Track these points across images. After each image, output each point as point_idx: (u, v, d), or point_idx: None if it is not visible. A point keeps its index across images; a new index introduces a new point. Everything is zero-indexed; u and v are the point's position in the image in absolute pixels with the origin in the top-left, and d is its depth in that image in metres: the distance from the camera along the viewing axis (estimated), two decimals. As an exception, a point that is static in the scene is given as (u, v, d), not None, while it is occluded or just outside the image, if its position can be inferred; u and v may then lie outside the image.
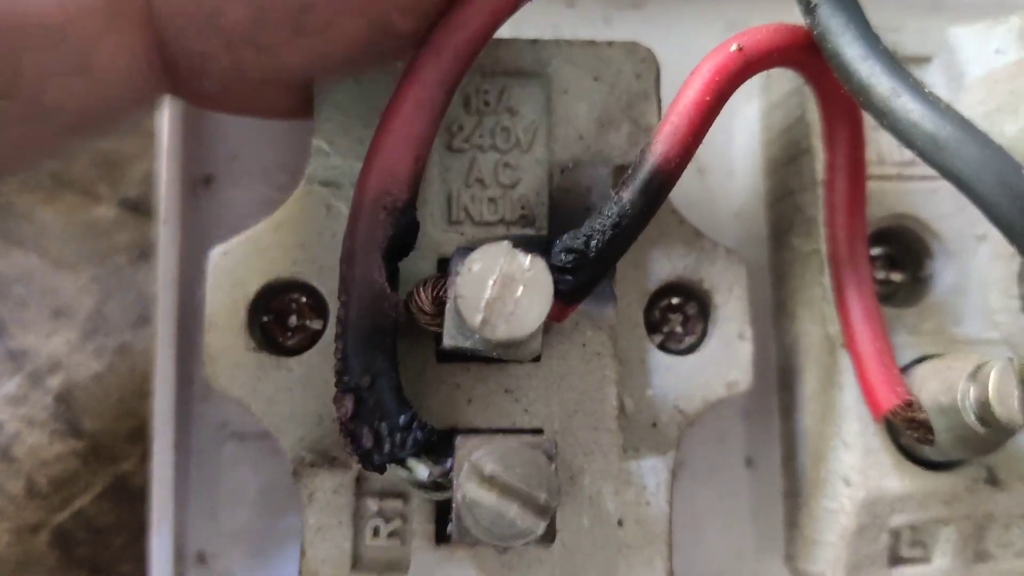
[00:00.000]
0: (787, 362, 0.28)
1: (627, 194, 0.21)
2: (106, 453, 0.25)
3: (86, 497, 0.25)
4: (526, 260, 0.21)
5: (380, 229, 0.19)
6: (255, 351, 0.25)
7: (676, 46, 0.30)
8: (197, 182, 0.30)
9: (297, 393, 0.24)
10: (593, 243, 0.21)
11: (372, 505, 0.24)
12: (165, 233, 0.28)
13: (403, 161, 0.20)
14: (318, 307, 0.25)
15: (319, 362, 0.25)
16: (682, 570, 0.27)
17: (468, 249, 0.21)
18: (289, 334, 0.25)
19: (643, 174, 0.21)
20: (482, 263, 0.20)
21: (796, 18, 0.32)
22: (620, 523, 0.24)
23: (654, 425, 0.25)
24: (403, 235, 0.20)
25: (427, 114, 0.20)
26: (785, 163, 0.28)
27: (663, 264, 0.26)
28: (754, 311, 0.26)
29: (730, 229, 0.30)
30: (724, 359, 0.25)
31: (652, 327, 0.26)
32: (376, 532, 0.24)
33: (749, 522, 0.30)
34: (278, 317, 0.25)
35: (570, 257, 0.22)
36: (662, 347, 0.26)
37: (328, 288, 0.25)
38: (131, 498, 0.25)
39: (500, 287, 0.20)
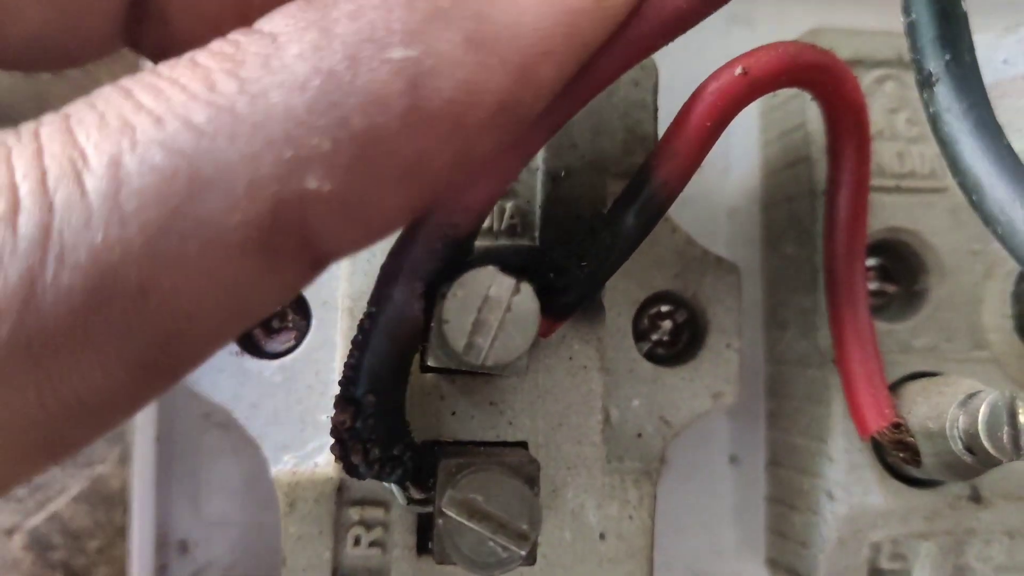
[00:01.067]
0: (775, 370, 0.28)
1: (621, 216, 0.21)
2: (82, 456, 0.25)
3: (61, 500, 0.24)
4: (513, 285, 0.20)
5: (431, 260, 0.17)
6: (237, 355, 0.24)
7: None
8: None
9: (280, 398, 0.24)
10: (585, 263, 0.21)
11: (353, 514, 0.24)
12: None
13: (480, 195, 0.18)
14: (301, 310, 0.25)
15: (302, 367, 0.24)
16: (662, 567, 0.28)
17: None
18: (272, 337, 0.25)
19: (640, 198, 0.20)
20: (468, 288, 0.20)
21: (801, 11, 0.31)
22: (602, 536, 0.24)
23: (639, 435, 0.25)
24: (454, 267, 0.18)
25: (521, 152, 0.18)
26: (782, 167, 0.27)
27: (654, 274, 0.25)
28: (743, 313, 0.26)
29: (723, 228, 0.30)
30: (711, 370, 0.25)
31: (640, 334, 0.25)
32: (357, 541, 0.24)
33: (731, 520, 0.31)
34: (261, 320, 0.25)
35: (561, 275, 0.21)
36: (650, 354, 0.25)
37: (312, 292, 0.24)
38: (107, 501, 0.25)
39: (486, 312, 0.20)
